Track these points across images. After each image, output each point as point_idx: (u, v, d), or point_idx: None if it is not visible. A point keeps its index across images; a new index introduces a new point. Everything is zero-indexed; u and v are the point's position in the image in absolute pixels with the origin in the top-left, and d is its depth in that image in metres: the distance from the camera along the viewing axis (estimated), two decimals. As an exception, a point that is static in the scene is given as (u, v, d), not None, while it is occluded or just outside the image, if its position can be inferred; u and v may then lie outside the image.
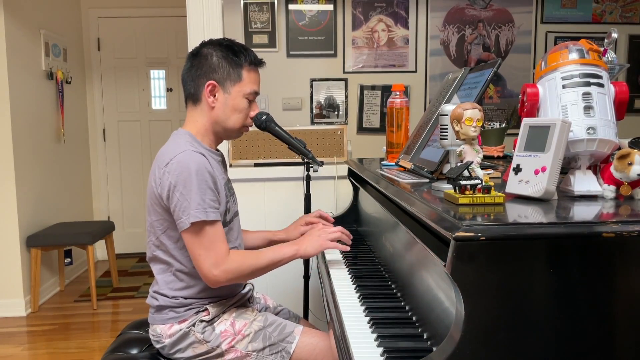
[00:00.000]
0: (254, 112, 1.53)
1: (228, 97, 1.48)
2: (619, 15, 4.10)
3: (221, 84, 1.47)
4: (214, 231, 1.39)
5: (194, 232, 1.37)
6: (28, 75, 3.56)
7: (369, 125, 4.06)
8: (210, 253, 1.38)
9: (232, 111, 1.48)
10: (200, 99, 1.48)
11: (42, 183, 3.72)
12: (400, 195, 1.25)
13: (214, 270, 1.38)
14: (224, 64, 1.47)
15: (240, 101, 1.48)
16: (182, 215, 1.36)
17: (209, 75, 1.46)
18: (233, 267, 1.40)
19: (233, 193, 1.59)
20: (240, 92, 1.48)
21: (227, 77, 1.47)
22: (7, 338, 3.03)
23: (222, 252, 1.40)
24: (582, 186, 1.08)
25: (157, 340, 1.48)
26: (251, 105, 1.52)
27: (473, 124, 1.12)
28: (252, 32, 3.88)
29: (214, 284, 1.41)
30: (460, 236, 0.82)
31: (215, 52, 1.48)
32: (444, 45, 4.05)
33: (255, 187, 2.44)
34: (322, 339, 1.47)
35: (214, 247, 1.39)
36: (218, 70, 1.46)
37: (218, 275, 1.38)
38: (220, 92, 1.47)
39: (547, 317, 0.83)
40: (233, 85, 1.47)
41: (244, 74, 1.48)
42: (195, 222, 1.36)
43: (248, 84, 1.49)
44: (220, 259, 1.39)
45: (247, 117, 1.52)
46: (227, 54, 1.47)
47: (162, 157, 1.42)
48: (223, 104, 1.48)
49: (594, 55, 1.10)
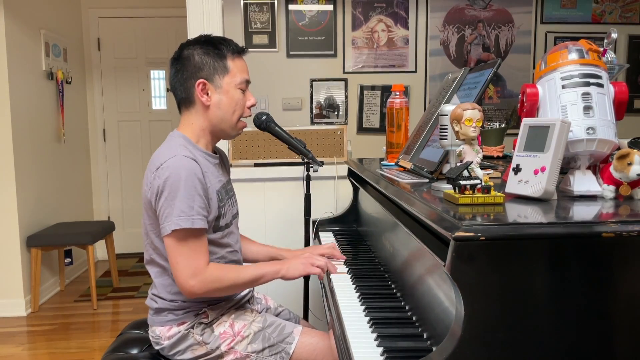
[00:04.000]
0: (250, 101, 1.50)
1: (221, 91, 1.45)
2: (618, 15, 4.10)
3: (211, 80, 1.44)
4: (197, 240, 1.36)
5: (175, 239, 1.34)
6: (28, 75, 3.56)
7: (368, 126, 4.06)
8: (189, 262, 1.34)
9: (228, 104, 1.45)
10: (193, 101, 1.46)
11: (42, 183, 3.72)
12: (400, 195, 1.25)
13: (190, 281, 1.34)
14: (208, 60, 1.44)
15: (234, 92, 1.46)
16: (165, 222, 1.34)
17: (197, 75, 1.44)
18: (211, 279, 1.36)
19: (232, 195, 1.57)
20: (232, 83, 1.45)
21: (214, 71, 1.44)
22: (7, 338, 3.03)
23: (202, 263, 1.36)
24: (581, 186, 1.08)
25: (157, 342, 1.48)
26: (245, 94, 1.49)
27: (473, 124, 1.13)
28: (252, 32, 3.88)
29: (189, 295, 1.37)
30: (460, 236, 0.82)
31: (195, 50, 1.45)
32: (443, 46, 4.05)
33: (255, 187, 2.44)
34: (321, 339, 1.47)
35: (194, 256, 1.35)
36: (204, 68, 1.44)
37: (194, 286, 1.34)
38: (211, 88, 1.44)
39: (546, 317, 0.84)
40: (222, 78, 1.44)
41: (230, 64, 1.45)
42: (177, 230, 1.33)
43: (237, 73, 1.46)
44: (198, 270, 1.35)
45: (244, 107, 1.49)
46: (208, 49, 1.45)
47: (154, 161, 1.40)
48: (217, 100, 1.45)
49: (593, 55, 1.11)
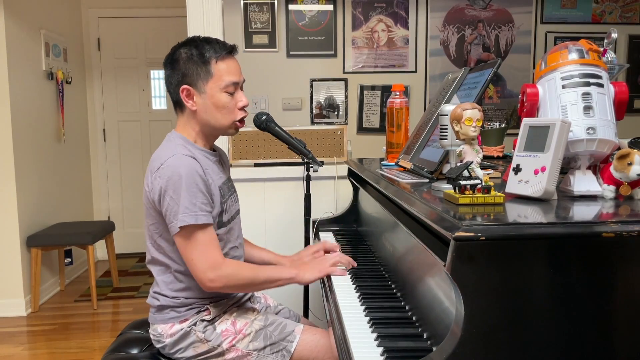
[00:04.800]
0: (241, 102, 1.46)
1: (205, 96, 1.42)
2: (618, 15, 4.10)
3: (194, 86, 1.42)
4: (206, 235, 1.37)
5: (185, 237, 1.36)
6: (28, 75, 3.56)
7: (368, 125, 4.06)
8: (203, 257, 1.36)
9: (215, 109, 1.43)
10: (183, 105, 1.45)
11: (42, 183, 3.72)
12: (400, 195, 1.25)
13: (209, 274, 1.36)
14: (191, 65, 1.42)
15: (219, 97, 1.42)
16: (172, 220, 1.36)
17: (183, 80, 1.43)
18: (229, 273, 1.38)
19: (234, 192, 1.58)
20: (216, 88, 1.42)
21: (197, 77, 1.42)
22: (7, 338, 3.03)
23: (216, 256, 1.38)
24: (581, 186, 1.08)
25: (158, 340, 1.48)
26: (235, 96, 1.45)
27: (473, 124, 1.13)
28: (252, 32, 3.88)
29: (209, 288, 1.39)
30: (460, 236, 0.82)
31: (181, 54, 1.43)
32: (443, 46, 4.05)
33: (255, 187, 2.44)
34: (322, 337, 1.47)
35: (207, 250, 1.37)
36: (187, 73, 1.42)
37: (214, 280, 1.37)
38: (196, 94, 1.43)
39: (546, 317, 0.83)
40: (206, 83, 1.42)
41: (214, 68, 1.42)
42: (184, 227, 1.34)
43: (222, 77, 1.42)
44: (215, 263, 1.37)
45: (234, 110, 1.45)
46: (191, 54, 1.42)
47: (154, 161, 1.41)
48: (203, 105, 1.43)
49: (593, 55, 1.11)
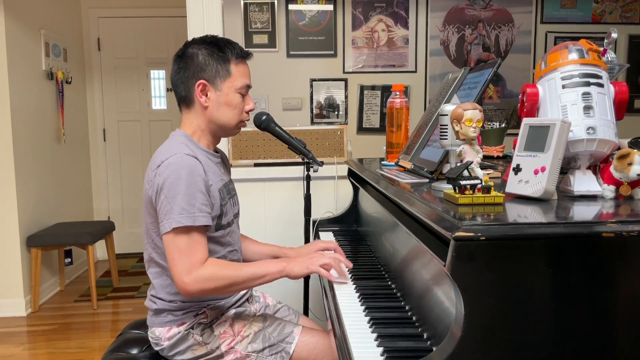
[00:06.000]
0: (248, 105, 1.49)
1: (220, 94, 1.44)
2: (618, 15, 4.10)
3: (211, 82, 1.44)
4: (196, 238, 1.34)
5: (174, 237, 1.33)
6: (28, 75, 3.55)
7: (369, 125, 4.06)
8: (185, 258, 1.32)
9: (226, 108, 1.45)
10: (193, 100, 1.46)
11: (42, 183, 3.72)
12: (400, 195, 1.25)
13: (185, 277, 1.31)
14: (211, 62, 1.43)
15: (233, 97, 1.45)
16: (164, 219, 1.33)
17: (198, 75, 1.43)
18: (206, 276, 1.32)
19: (234, 195, 1.57)
20: (232, 87, 1.45)
21: (216, 74, 1.44)
22: (7, 338, 3.03)
23: (197, 259, 1.33)
24: (581, 186, 1.08)
25: (156, 343, 1.48)
26: (245, 99, 1.48)
27: (473, 124, 1.13)
28: (252, 32, 3.88)
29: (184, 293, 1.34)
30: (460, 236, 0.82)
31: (200, 50, 1.44)
32: (443, 46, 4.05)
33: (255, 187, 2.44)
34: (321, 338, 1.47)
35: (191, 253, 1.33)
36: (206, 69, 1.43)
37: (188, 283, 1.31)
38: (211, 90, 1.44)
39: (546, 317, 0.83)
40: (223, 81, 1.44)
41: (233, 69, 1.45)
42: (177, 227, 1.32)
43: (238, 78, 1.45)
44: (193, 266, 1.32)
45: (242, 112, 1.48)
46: (213, 51, 1.44)
47: (156, 159, 1.40)
48: (216, 102, 1.45)
49: (593, 55, 1.11)
